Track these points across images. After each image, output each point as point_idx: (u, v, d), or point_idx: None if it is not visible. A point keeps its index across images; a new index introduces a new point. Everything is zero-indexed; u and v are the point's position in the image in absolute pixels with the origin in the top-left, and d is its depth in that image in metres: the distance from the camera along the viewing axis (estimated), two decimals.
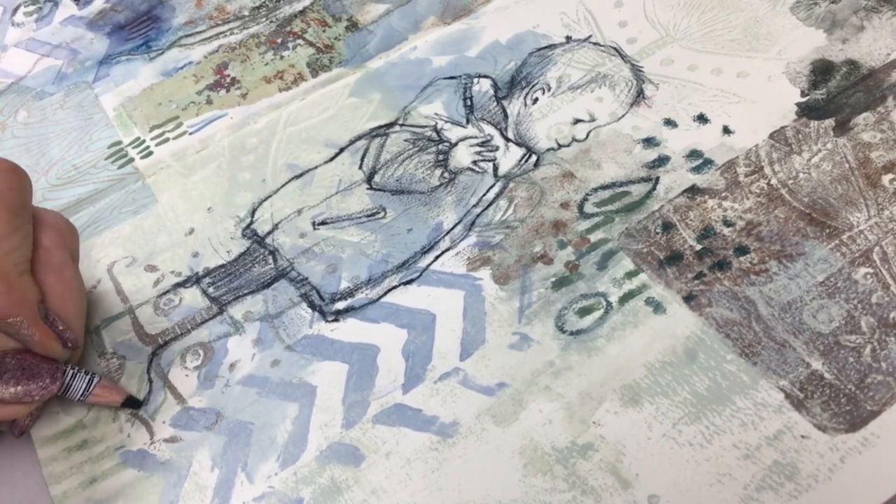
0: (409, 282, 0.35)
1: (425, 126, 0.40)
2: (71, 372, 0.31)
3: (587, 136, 0.38)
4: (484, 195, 0.37)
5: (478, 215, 0.36)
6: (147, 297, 0.35)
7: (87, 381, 0.31)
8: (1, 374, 0.28)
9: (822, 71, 0.39)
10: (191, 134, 0.41)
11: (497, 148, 0.39)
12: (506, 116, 0.40)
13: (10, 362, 0.28)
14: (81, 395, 0.31)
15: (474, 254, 0.35)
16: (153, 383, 0.33)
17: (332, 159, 0.39)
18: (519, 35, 0.43)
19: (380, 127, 0.40)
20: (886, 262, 0.33)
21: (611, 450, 0.29)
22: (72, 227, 0.32)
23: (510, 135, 0.39)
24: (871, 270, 0.32)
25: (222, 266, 0.36)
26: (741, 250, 0.34)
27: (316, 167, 0.39)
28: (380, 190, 0.38)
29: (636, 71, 0.41)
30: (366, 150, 0.39)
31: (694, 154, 0.37)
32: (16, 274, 0.29)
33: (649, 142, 0.38)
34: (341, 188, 0.38)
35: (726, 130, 0.37)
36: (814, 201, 0.35)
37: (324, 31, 0.45)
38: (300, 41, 0.45)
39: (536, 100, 0.40)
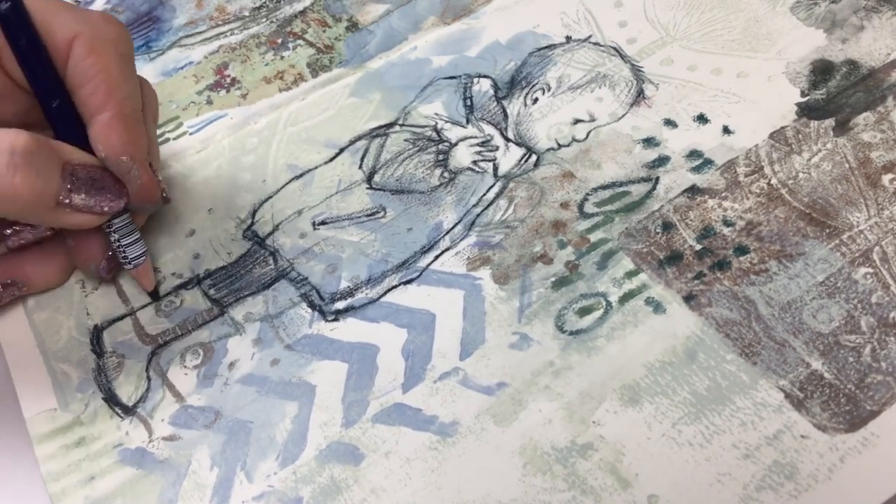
0: (409, 281, 0.35)
1: (425, 126, 0.40)
2: (137, 235, 0.33)
3: (587, 136, 0.38)
4: (484, 195, 0.37)
5: (478, 215, 0.36)
6: (148, 298, 0.35)
7: (142, 252, 0.33)
8: (73, 182, 0.30)
9: (822, 71, 0.39)
10: (191, 134, 0.41)
11: (497, 148, 0.39)
12: (506, 116, 0.40)
13: (80, 172, 0.30)
14: (133, 261, 0.33)
15: (474, 253, 0.35)
16: (151, 381, 0.33)
17: (332, 159, 0.39)
18: (519, 35, 0.43)
19: (380, 127, 0.40)
20: (886, 262, 0.33)
21: (610, 449, 0.29)
22: (154, 92, 0.35)
23: (510, 135, 0.39)
24: (870, 270, 0.32)
25: (223, 268, 0.36)
26: (741, 250, 0.34)
27: (316, 167, 0.39)
28: (380, 190, 0.38)
29: (636, 71, 0.41)
30: (366, 150, 0.39)
31: (694, 154, 0.37)
32: (133, 118, 0.31)
33: (649, 142, 0.38)
34: (341, 188, 0.38)
35: (726, 130, 0.38)
36: (814, 201, 0.35)
37: (324, 31, 0.45)
38: (300, 41, 0.45)
39: (536, 100, 0.40)
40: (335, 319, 0.34)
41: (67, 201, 0.30)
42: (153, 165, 0.33)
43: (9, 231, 0.32)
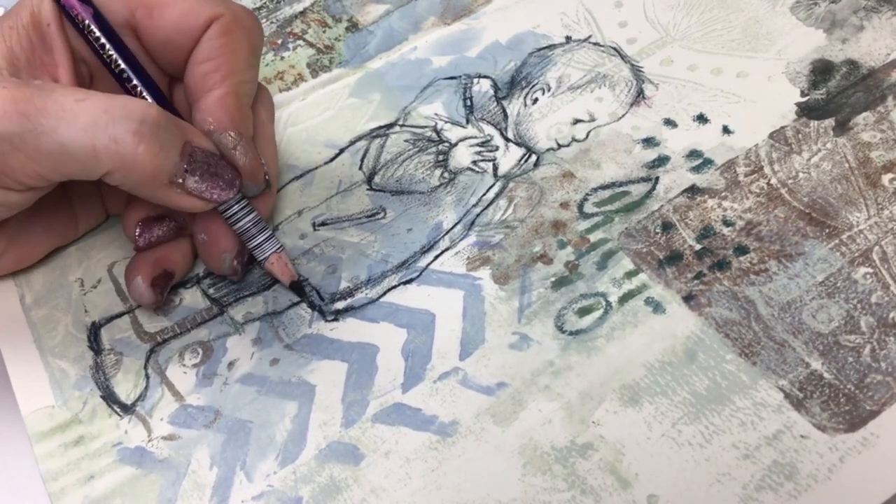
0: (409, 281, 0.35)
1: (425, 126, 0.40)
2: (269, 231, 0.33)
3: (587, 136, 0.38)
4: (484, 195, 0.37)
5: (477, 215, 0.36)
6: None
7: (275, 247, 0.33)
8: (190, 163, 0.30)
9: (821, 71, 0.39)
10: None
11: (497, 148, 0.39)
12: (506, 116, 0.40)
13: (198, 155, 0.30)
14: (266, 257, 0.33)
15: (474, 253, 0.35)
16: (150, 379, 0.33)
17: (332, 160, 0.39)
18: (519, 35, 0.43)
19: (380, 127, 0.40)
20: (886, 262, 0.33)
21: (610, 449, 0.29)
22: (272, 100, 0.36)
23: (510, 135, 0.39)
24: (870, 270, 0.32)
25: None
26: (741, 250, 0.34)
27: (316, 168, 0.39)
28: (380, 190, 0.38)
29: (636, 71, 0.41)
30: (366, 151, 0.39)
31: (694, 154, 0.37)
32: (246, 101, 0.33)
33: (649, 142, 0.38)
34: (341, 189, 0.38)
35: (726, 130, 0.38)
36: (813, 201, 0.35)
37: (324, 31, 0.45)
38: (300, 42, 0.45)
39: (536, 100, 0.40)
40: (335, 319, 0.34)
41: (181, 181, 0.30)
42: (269, 154, 0.34)
43: (137, 230, 0.33)
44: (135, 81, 0.31)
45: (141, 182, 0.29)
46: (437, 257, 0.35)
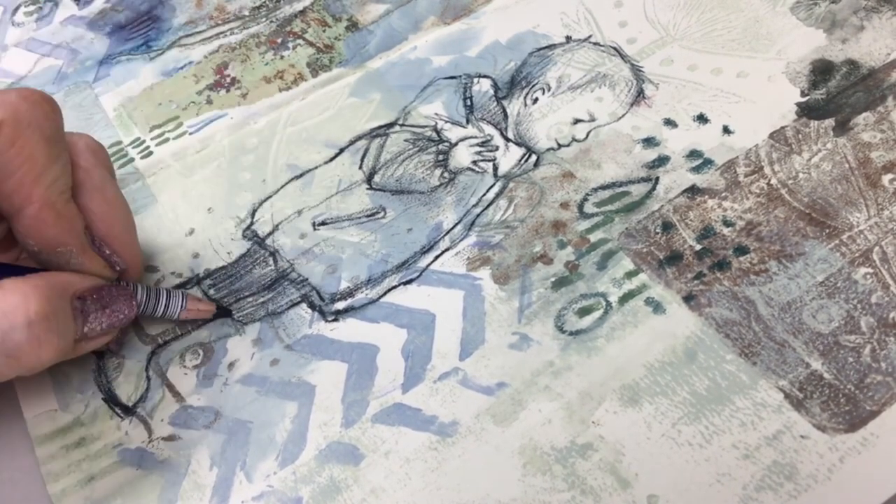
0: (409, 282, 0.35)
1: (425, 126, 0.40)
2: (165, 291, 0.33)
3: (587, 135, 0.38)
4: (484, 195, 0.37)
5: (478, 215, 0.36)
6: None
7: (181, 297, 0.33)
8: (86, 315, 0.29)
9: (822, 71, 0.39)
10: (191, 134, 0.41)
11: (497, 148, 0.39)
12: (506, 116, 0.40)
13: (89, 302, 0.29)
14: (179, 312, 0.33)
15: (474, 254, 0.35)
16: (151, 381, 0.33)
17: (332, 159, 0.39)
18: (519, 35, 0.43)
19: (380, 127, 0.40)
20: (886, 262, 0.33)
21: (610, 450, 0.29)
22: (102, 146, 0.32)
23: (510, 135, 0.39)
24: (870, 270, 0.32)
25: (223, 268, 0.36)
26: (741, 250, 0.34)
27: (316, 167, 0.39)
28: (380, 190, 0.38)
29: (636, 71, 0.41)
30: (366, 151, 0.39)
31: (694, 154, 0.37)
32: (62, 202, 0.29)
33: (649, 142, 0.38)
34: (341, 188, 0.38)
35: (726, 130, 0.37)
36: (814, 201, 0.35)
37: (324, 31, 0.45)
38: (300, 41, 0.45)
39: (536, 100, 0.40)
40: (335, 320, 0.34)
41: (85, 330, 0.29)
42: (116, 228, 0.31)
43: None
44: None
45: (49, 364, 0.28)
46: (437, 257, 0.35)
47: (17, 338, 0.26)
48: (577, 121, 0.39)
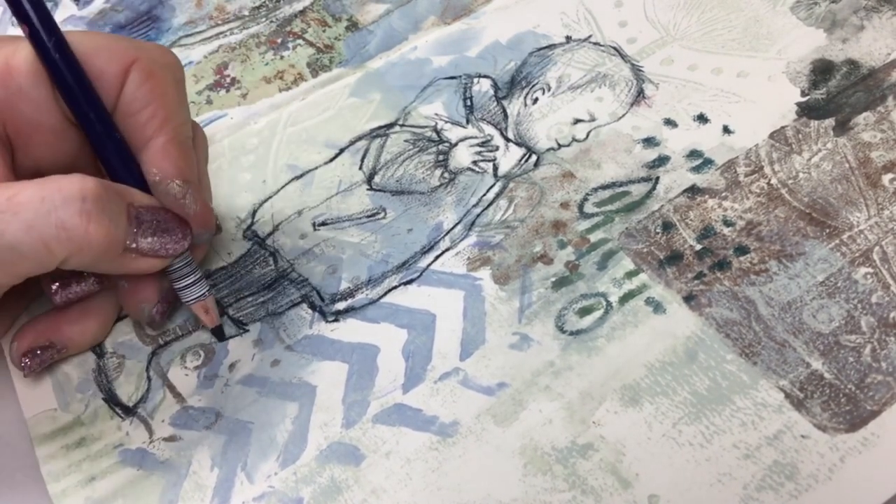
0: (409, 282, 0.35)
1: (425, 126, 0.40)
2: (198, 274, 0.32)
3: (587, 135, 0.38)
4: (484, 195, 0.37)
5: (478, 215, 0.36)
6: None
7: (203, 290, 0.32)
8: (139, 226, 0.29)
9: (822, 71, 0.39)
10: None
11: (497, 148, 0.39)
12: (506, 116, 0.40)
13: (145, 216, 0.29)
14: (193, 299, 0.32)
15: (474, 254, 0.35)
16: (152, 381, 0.33)
17: (332, 160, 0.39)
18: (519, 35, 0.43)
19: (380, 127, 0.40)
20: (886, 262, 0.33)
21: (611, 450, 0.29)
22: (204, 134, 0.34)
23: (510, 135, 0.39)
24: (871, 270, 0.32)
25: (223, 268, 0.36)
26: (741, 250, 0.34)
27: (316, 168, 0.39)
28: (380, 190, 0.38)
29: (636, 71, 0.41)
30: (366, 151, 0.39)
31: (694, 154, 0.37)
32: (187, 146, 0.31)
33: (649, 142, 0.38)
34: (341, 189, 0.38)
35: (726, 130, 0.38)
36: (814, 201, 0.35)
37: (324, 31, 0.45)
38: (300, 41, 0.45)
39: (536, 100, 0.40)
40: (335, 320, 0.34)
41: (134, 245, 0.29)
42: (209, 198, 0.33)
43: (54, 287, 0.31)
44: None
45: (97, 258, 0.28)
46: (437, 258, 0.35)
47: (69, 210, 0.26)
48: (577, 121, 0.39)
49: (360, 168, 0.39)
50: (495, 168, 0.38)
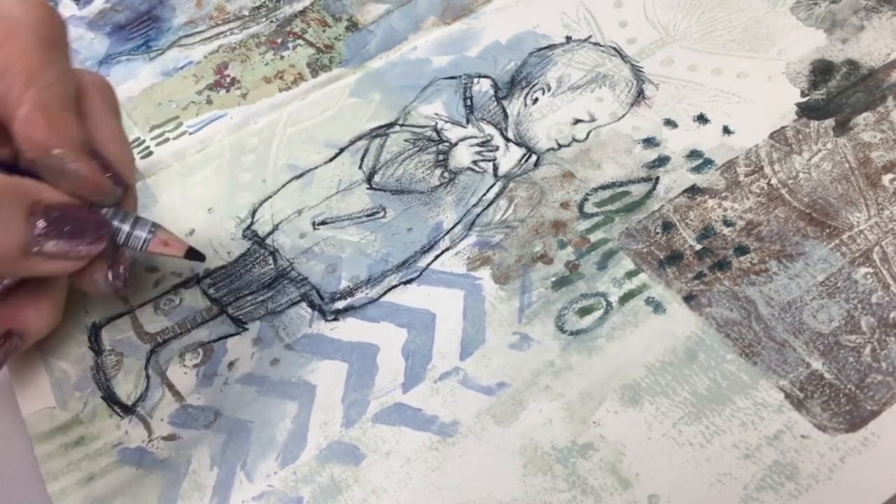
0: (409, 281, 0.35)
1: (425, 126, 0.40)
2: (130, 220, 0.29)
3: (587, 136, 0.38)
4: (484, 195, 0.37)
5: (478, 215, 0.36)
6: (147, 297, 0.35)
7: (148, 228, 0.30)
8: (45, 226, 0.27)
9: (822, 71, 0.39)
10: (191, 134, 0.41)
11: (497, 148, 0.39)
12: (506, 116, 0.40)
13: (53, 213, 0.27)
14: (143, 246, 0.30)
15: (474, 253, 0.35)
16: (150, 380, 0.33)
17: (332, 159, 0.39)
18: (519, 35, 0.43)
19: (380, 127, 0.40)
20: (886, 262, 0.33)
21: (611, 449, 0.29)
22: (109, 85, 0.31)
23: (510, 135, 0.39)
24: (871, 270, 0.32)
25: (223, 267, 0.36)
26: (741, 250, 0.34)
27: (316, 167, 0.39)
28: (380, 190, 0.38)
29: (636, 71, 0.41)
30: (366, 150, 0.39)
31: (694, 154, 0.37)
32: (56, 108, 0.27)
33: (649, 142, 0.38)
34: (341, 188, 0.38)
35: (726, 130, 0.38)
36: (814, 201, 0.35)
37: (324, 31, 0.45)
38: (300, 41, 0.45)
39: (536, 100, 0.40)
40: (335, 319, 0.34)
41: (38, 249, 0.26)
42: (116, 149, 0.29)
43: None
44: None
45: None
46: (437, 257, 0.35)
47: None
48: (577, 121, 0.39)
49: (360, 167, 0.39)
50: (495, 168, 0.38)
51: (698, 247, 0.34)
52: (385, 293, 0.34)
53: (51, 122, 0.27)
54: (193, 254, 0.31)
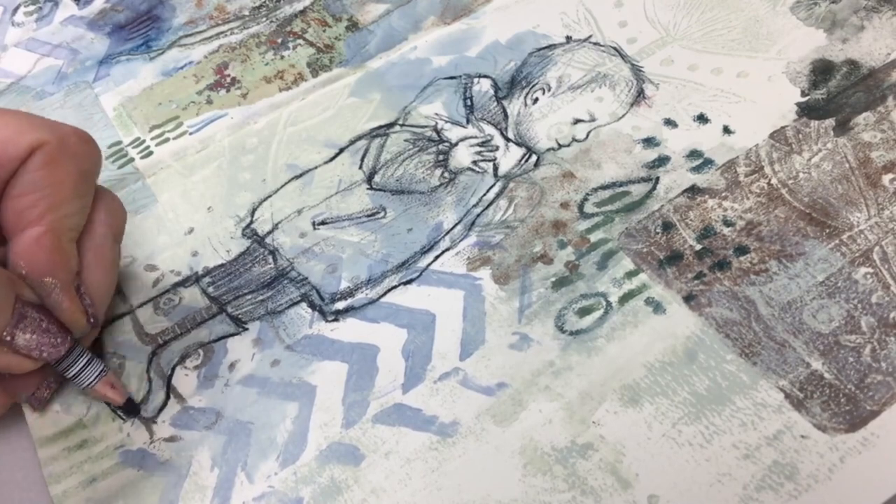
0: (409, 282, 0.35)
1: (425, 126, 0.40)
2: (87, 356, 0.31)
3: (587, 135, 0.38)
4: (484, 195, 0.37)
5: (478, 215, 0.36)
6: (147, 296, 0.35)
7: (98, 371, 0.31)
8: (19, 322, 0.28)
9: (822, 71, 0.39)
10: (191, 134, 0.41)
11: (497, 148, 0.39)
12: (506, 116, 0.40)
13: (30, 313, 0.28)
14: (89, 383, 0.31)
15: (474, 254, 0.35)
16: (153, 382, 0.33)
17: (332, 159, 0.39)
18: (519, 35, 0.43)
19: (380, 127, 0.40)
20: (886, 262, 0.33)
21: (610, 450, 0.29)
22: (122, 209, 0.33)
23: (510, 135, 0.39)
24: (871, 270, 0.32)
25: (222, 265, 0.36)
26: (741, 250, 0.34)
27: (316, 167, 0.39)
28: (380, 190, 0.38)
29: (636, 71, 0.41)
30: (366, 151, 0.39)
31: (694, 154, 0.37)
32: (67, 238, 0.29)
33: (649, 142, 0.38)
34: (341, 188, 0.38)
35: (726, 130, 0.38)
36: (814, 201, 0.35)
37: (324, 31, 0.45)
38: (300, 41, 0.45)
39: (536, 100, 0.40)
40: (335, 320, 0.34)
41: (10, 339, 0.28)
42: (101, 287, 0.31)
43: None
44: None
45: None
46: (437, 257, 0.35)
47: None
48: (577, 121, 0.39)
49: (360, 167, 0.39)
50: (495, 168, 0.38)
51: (698, 247, 0.34)
52: (385, 294, 0.34)
53: (55, 251, 0.29)
54: (130, 406, 0.32)
